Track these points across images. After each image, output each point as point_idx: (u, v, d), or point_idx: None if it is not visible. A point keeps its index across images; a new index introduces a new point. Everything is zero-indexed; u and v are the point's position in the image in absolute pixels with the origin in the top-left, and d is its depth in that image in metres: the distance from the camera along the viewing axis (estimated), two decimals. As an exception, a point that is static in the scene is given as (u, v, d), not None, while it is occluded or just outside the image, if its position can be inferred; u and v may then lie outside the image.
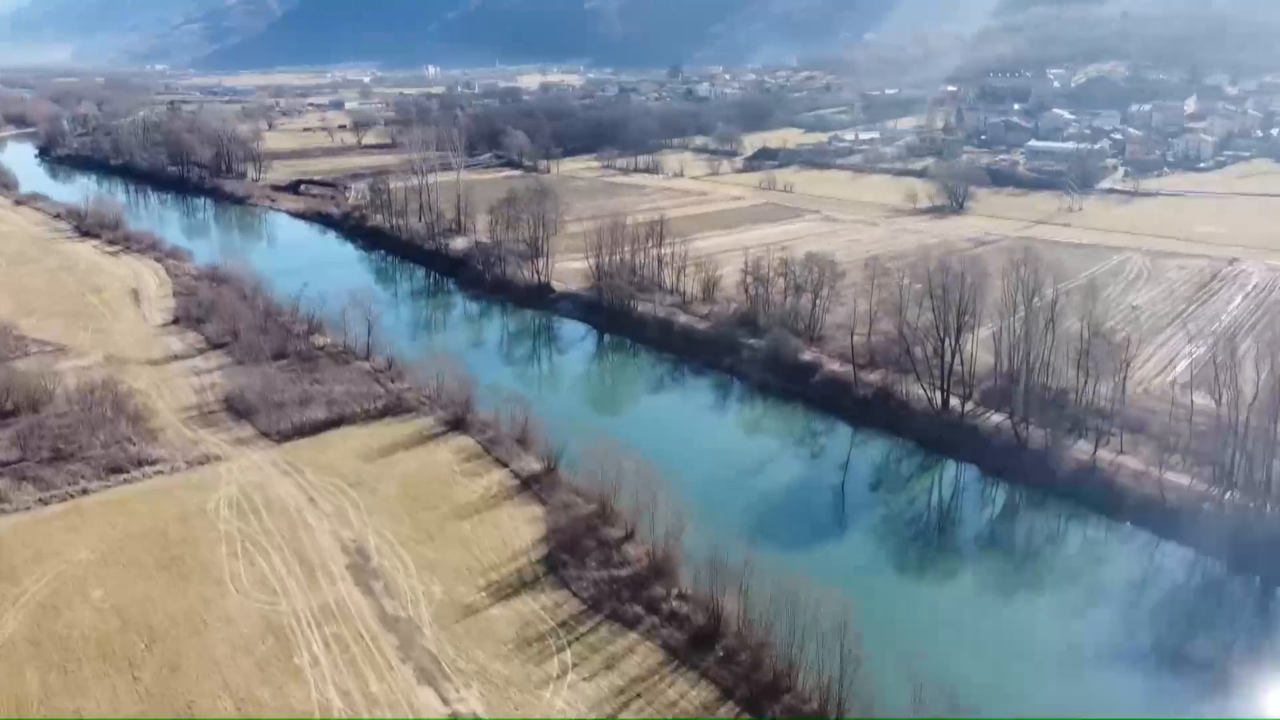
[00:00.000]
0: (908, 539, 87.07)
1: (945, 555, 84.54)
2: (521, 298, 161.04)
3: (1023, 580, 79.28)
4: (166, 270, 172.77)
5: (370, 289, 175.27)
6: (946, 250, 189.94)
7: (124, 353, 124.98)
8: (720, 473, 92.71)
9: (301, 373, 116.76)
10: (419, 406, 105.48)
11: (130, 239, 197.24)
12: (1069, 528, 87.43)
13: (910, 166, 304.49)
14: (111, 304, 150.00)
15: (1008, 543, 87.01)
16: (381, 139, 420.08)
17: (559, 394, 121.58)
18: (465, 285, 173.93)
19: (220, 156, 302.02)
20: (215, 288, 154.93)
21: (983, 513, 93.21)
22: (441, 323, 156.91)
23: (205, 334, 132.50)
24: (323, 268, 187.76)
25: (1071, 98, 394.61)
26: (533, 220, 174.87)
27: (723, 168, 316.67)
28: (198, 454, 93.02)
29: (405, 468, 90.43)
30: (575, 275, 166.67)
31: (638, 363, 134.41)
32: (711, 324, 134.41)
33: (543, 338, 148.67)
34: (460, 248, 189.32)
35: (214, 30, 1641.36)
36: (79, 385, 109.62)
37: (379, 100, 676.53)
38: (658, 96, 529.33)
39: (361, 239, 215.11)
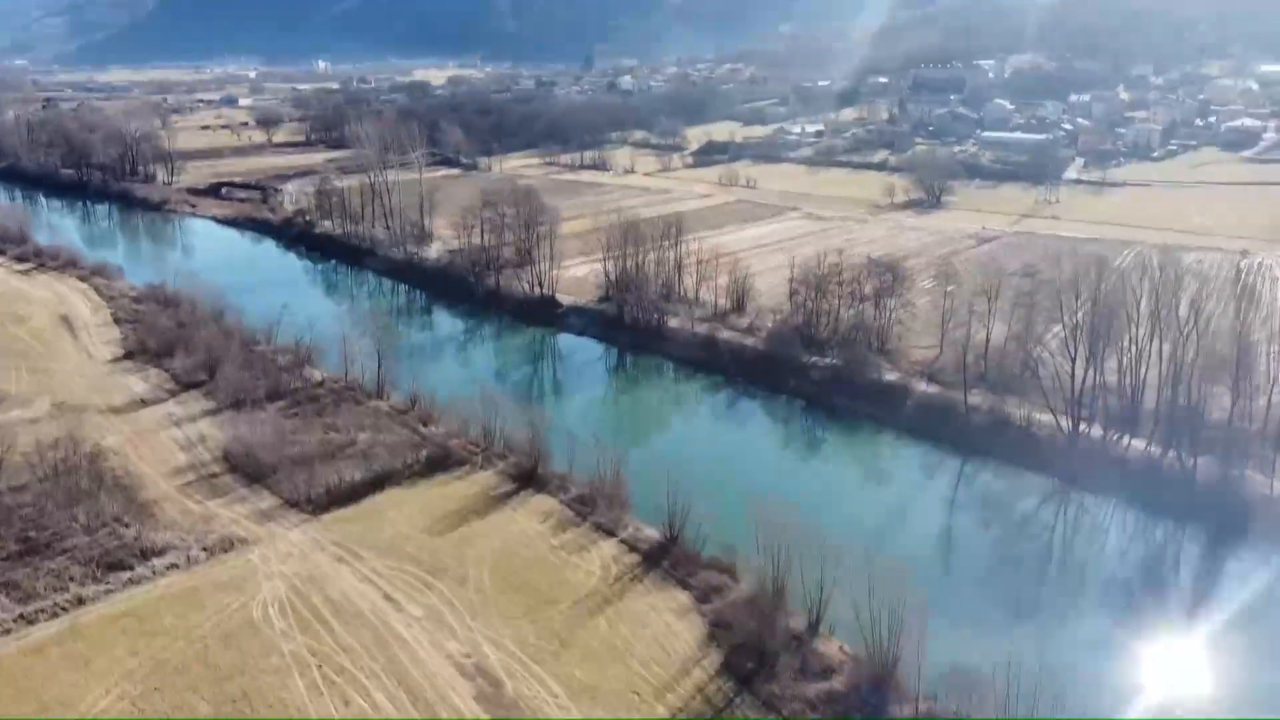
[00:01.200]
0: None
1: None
2: (521, 313, 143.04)
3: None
4: (97, 292, 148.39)
5: (345, 309, 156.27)
6: (954, 248, 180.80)
7: (76, 398, 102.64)
8: (861, 527, 77.46)
9: (309, 418, 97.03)
10: (470, 457, 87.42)
11: (42, 255, 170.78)
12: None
13: (868, 159, 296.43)
14: (42, 336, 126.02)
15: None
16: (294, 136, 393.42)
17: (600, 429, 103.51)
18: (448, 300, 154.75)
19: (125, 158, 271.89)
20: (165, 312, 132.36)
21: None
22: (432, 346, 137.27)
23: (170, 371, 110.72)
24: (272, 284, 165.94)
25: (1006, 87, 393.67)
26: (523, 225, 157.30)
27: (673, 163, 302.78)
28: (217, 536, 73.20)
29: (488, 543, 72.62)
30: (577, 285, 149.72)
31: (680, 388, 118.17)
32: (763, 340, 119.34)
33: (556, 360, 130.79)
34: (433, 257, 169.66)
35: (78, 24, 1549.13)
36: (35, 446, 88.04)
37: (271, 96, 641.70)
38: (579, 90, 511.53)
39: (308, 248, 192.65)
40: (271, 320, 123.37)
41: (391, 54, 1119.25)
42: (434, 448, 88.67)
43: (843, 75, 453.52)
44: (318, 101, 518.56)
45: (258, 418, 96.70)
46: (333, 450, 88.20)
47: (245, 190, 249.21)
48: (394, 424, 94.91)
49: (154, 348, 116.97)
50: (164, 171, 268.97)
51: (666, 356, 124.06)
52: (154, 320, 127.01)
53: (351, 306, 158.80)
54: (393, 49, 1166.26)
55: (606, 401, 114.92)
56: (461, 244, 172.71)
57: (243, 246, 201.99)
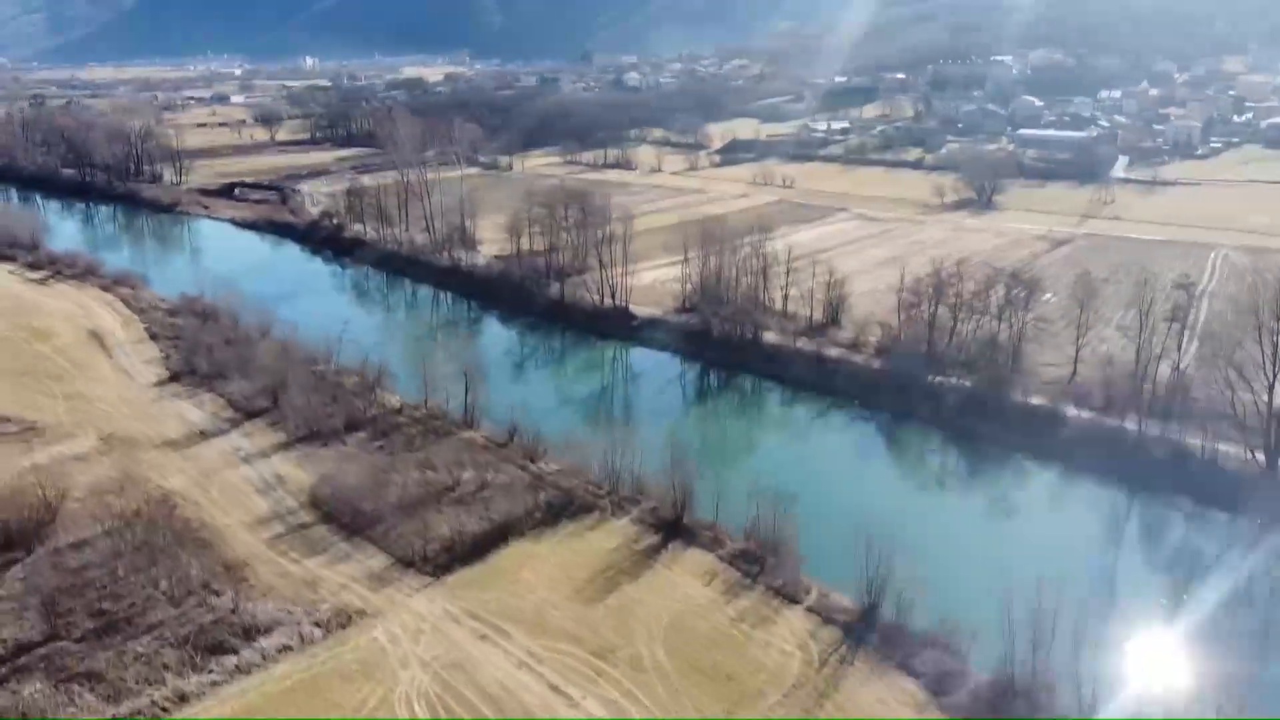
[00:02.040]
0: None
1: None
2: (590, 325, 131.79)
3: None
4: (124, 303, 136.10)
5: (399, 322, 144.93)
6: (1029, 251, 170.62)
7: (125, 430, 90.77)
8: (1076, 586, 66.58)
9: (397, 453, 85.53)
10: (596, 502, 76.22)
11: (57, 262, 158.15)
12: None
13: (901, 158, 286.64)
14: (71, 354, 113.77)
15: None
16: (296, 134, 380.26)
17: (715, 463, 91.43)
18: (503, 310, 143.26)
19: (130, 157, 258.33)
20: (205, 327, 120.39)
21: None
22: (496, 365, 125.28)
23: (226, 396, 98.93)
24: (307, 293, 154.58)
25: (1028, 84, 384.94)
26: (578, 227, 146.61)
27: (700, 162, 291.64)
28: (329, 608, 61.76)
29: (652, 613, 61.50)
30: (646, 293, 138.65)
31: (789, 413, 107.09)
32: (878, 357, 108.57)
33: (639, 380, 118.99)
34: (482, 263, 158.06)
35: (57, 21, 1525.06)
36: (91, 490, 76.51)
37: (261, 93, 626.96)
38: (584, 87, 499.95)
39: (338, 254, 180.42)
40: (324, 335, 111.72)
41: (376, 51, 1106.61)
42: (553, 490, 77.40)
43: (855, 71, 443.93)
44: (314, 99, 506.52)
45: (339, 454, 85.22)
46: (437, 494, 76.85)
47: (260, 191, 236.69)
48: (497, 460, 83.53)
49: (203, 369, 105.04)
50: (171, 171, 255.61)
51: (764, 375, 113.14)
52: (196, 336, 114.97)
53: (405, 319, 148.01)
54: (377, 46, 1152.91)
55: (712, 429, 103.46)
56: (510, 249, 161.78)
57: (266, 251, 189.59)
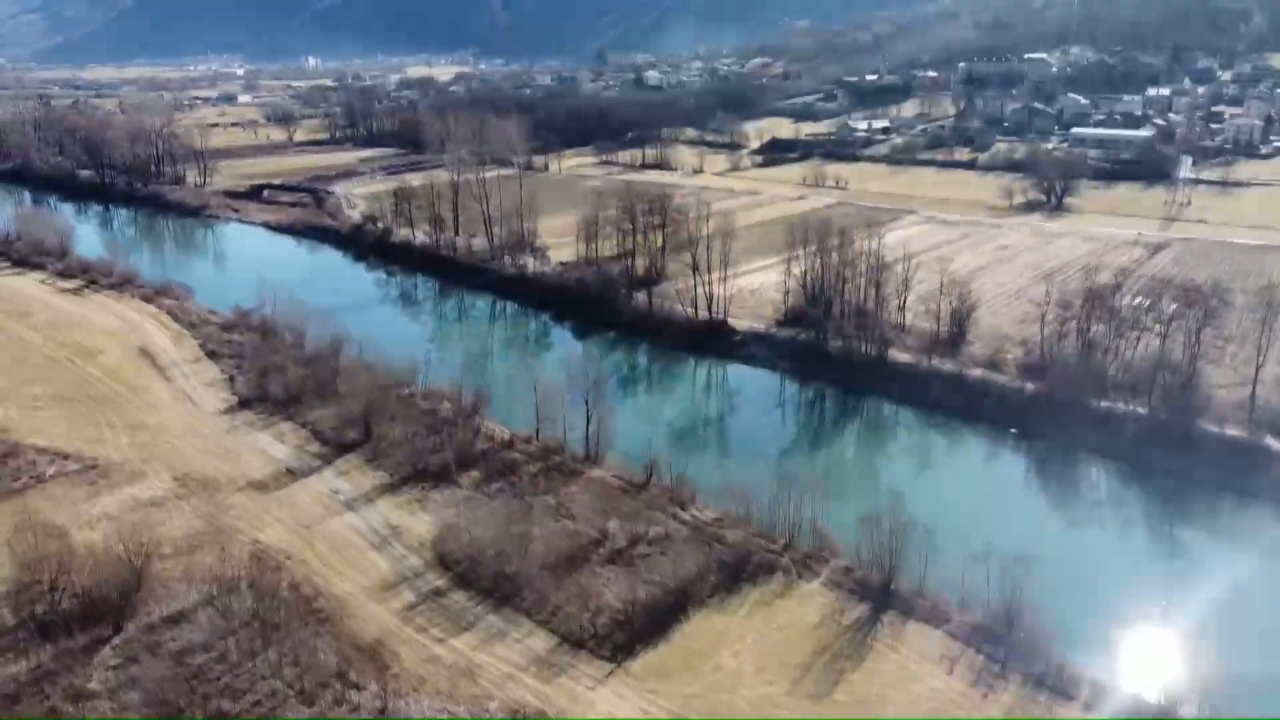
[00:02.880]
0: None
1: None
2: (684, 341, 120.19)
3: None
4: (173, 317, 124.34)
5: (475, 337, 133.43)
6: (1128, 257, 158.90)
7: (200, 468, 79.16)
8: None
9: (522, 496, 74.04)
10: (774, 559, 64.73)
11: (90, 270, 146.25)
12: None
13: (954, 157, 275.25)
14: (123, 376, 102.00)
15: None
16: (314, 134, 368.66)
17: (874, 505, 79.26)
18: (578, 323, 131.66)
19: (151, 158, 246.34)
20: (266, 343, 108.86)
21: None
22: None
23: (310, 426, 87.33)
24: (362, 305, 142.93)
25: (1069, 82, 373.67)
26: (656, 232, 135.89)
27: (742, 162, 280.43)
28: (499, 706, 50.15)
29: (899, 712, 50.03)
30: (736, 303, 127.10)
31: (937, 443, 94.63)
32: (1031, 379, 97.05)
33: (749, 403, 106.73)
34: (549, 270, 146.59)
35: (55, 21, 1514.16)
36: (177, 547, 65.09)
37: (267, 93, 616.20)
38: (605, 86, 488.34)
39: (386, 261, 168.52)
40: (401, 353, 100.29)
41: (378, 51, 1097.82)
42: (720, 546, 65.89)
43: (885, 70, 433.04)
44: (324, 99, 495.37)
45: (455, 498, 73.64)
46: (585, 550, 65.44)
47: (290, 193, 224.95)
48: (643, 507, 72.00)
49: (277, 394, 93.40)
50: (195, 173, 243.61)
51: (893, 398, 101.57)
52: (261, 355, 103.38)
53: (473, 332, 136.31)
54: (379, 46, 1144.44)
55: (854, 464, 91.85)
56: (575, 254, 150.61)
57: (307, 258, 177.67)
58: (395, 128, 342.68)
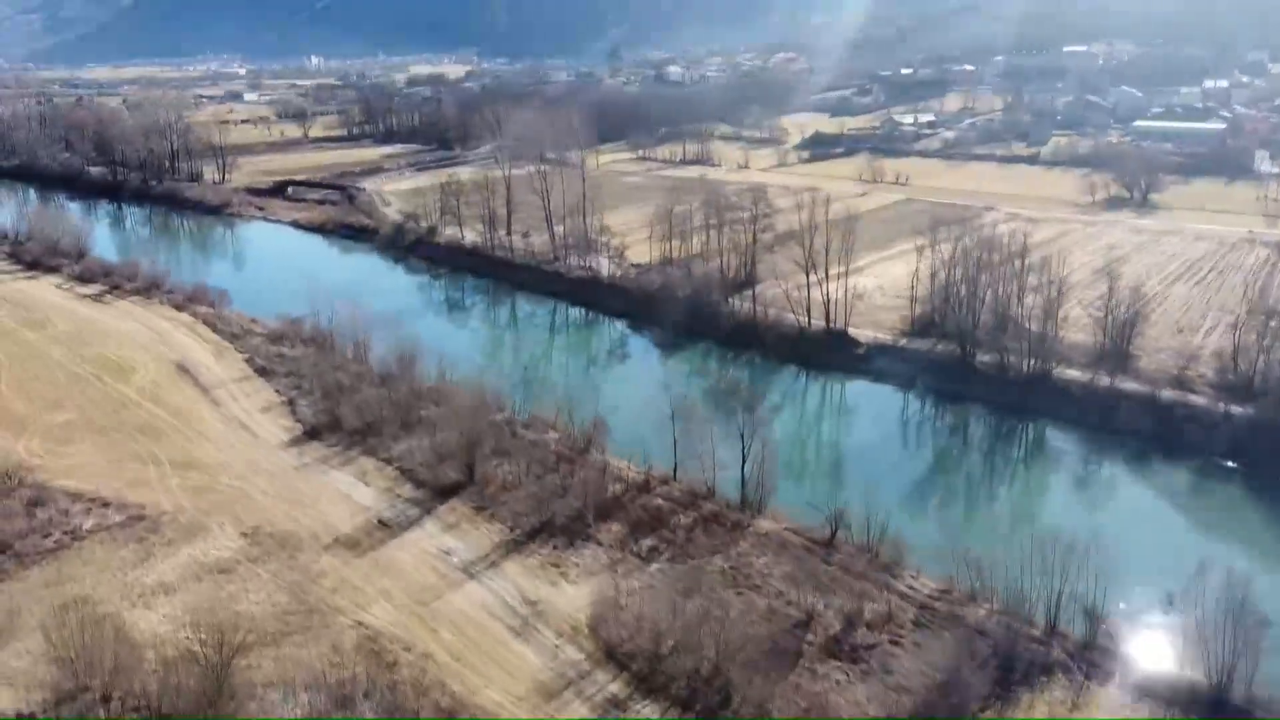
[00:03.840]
0: None
1: None
2: (793, 353, 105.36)
3: None
4: (210, 327, 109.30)
5: (546, 348, 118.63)
6: (1258, 259, 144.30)
7: (272, 519, 64.11)
8: None
9: (680, 556, 59.12)
10: (1045, 654, 49.76)
11: (112, 274, 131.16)
12: None
13: (1013, 152, 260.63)
14: (163, 398, 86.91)
15: None
16: (330, 131, 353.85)
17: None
18: (665, 332, 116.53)
19: (167, 154, 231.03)
20: (325, 358, 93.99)
21: None
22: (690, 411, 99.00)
23: (395, 461, 72.34)
24: (413, 312, 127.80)
25: (1116, 75, 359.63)
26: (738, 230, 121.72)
27: (788, 157, 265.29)
28: None
29: None
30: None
31: (1151, 481, 79.49)
32: (1242, 401, 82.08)
33: (891, 430, 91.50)
34: (618, 273, 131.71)
35: (52, 21, 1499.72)
36: (262, 632, 50.18)
37: (270, 91, 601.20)
38: (625, 82, 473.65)
39: (433, 262, 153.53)
40: (474, 368, 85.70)
41: (379, 50, 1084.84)
42: (967, 631, 50.92)
43: (915, 64, 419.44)
44: (334, 96, 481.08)
45: (598, 559, 58.76)
46: (792, 637, 50.53)
47: (316, 190, 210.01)
48: (842, 574, 57.08)
49: (350, 421, 78.33)
50: (213, 169, 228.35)
51: (1063, 422, 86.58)
52: (321, 373, 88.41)
53: (548, 344, 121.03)
54: (381, 45, 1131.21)
55: (1069, 510, 76.28)
56: (651, 254, 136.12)
57: (345, 260, 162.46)
58: (417, 123, 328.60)
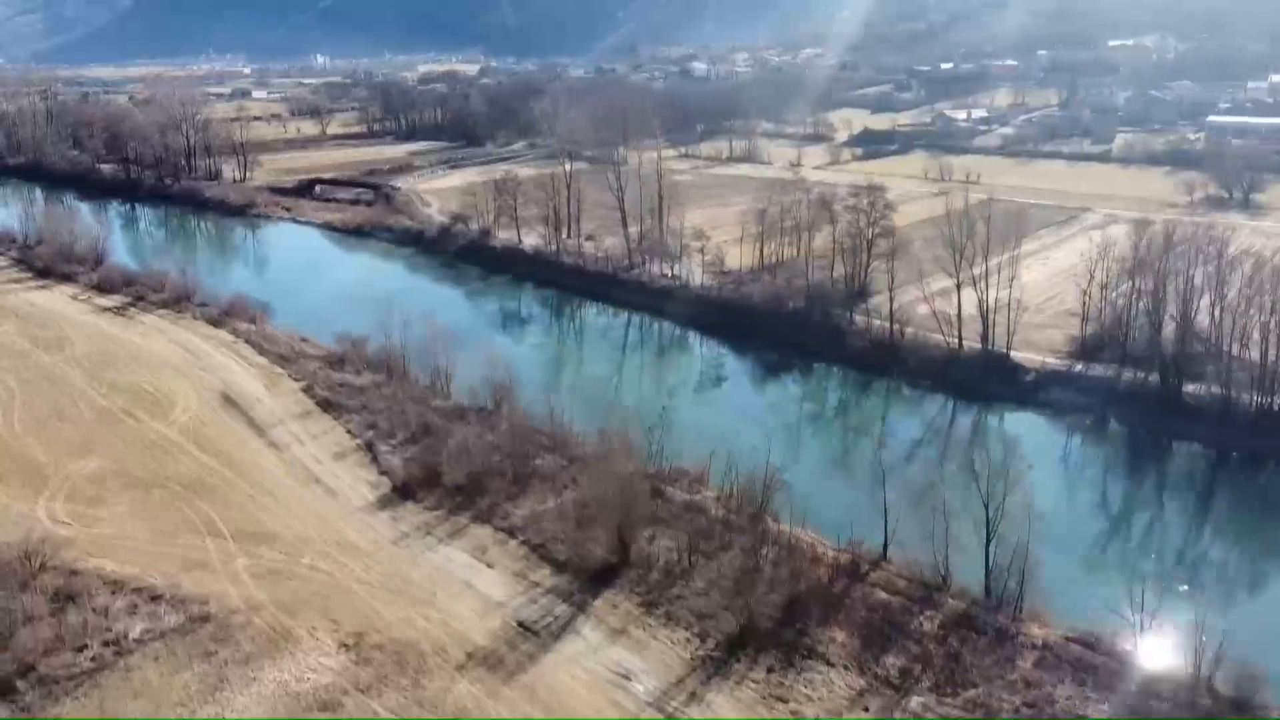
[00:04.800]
0: None
1: None
2: (941, 380, 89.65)
3: None
4: (253, 347, 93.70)
5: (639, 373, 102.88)
6: None
7: (378, 621, 48.37)
8: None
9: (949, 683, 43.50)
10: None
11: (135, 283, 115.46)
12: None
13: (1083, 149, 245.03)
14: (211, 440, 71.10)
15: None
16: (348, 128, 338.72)
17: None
18: (767, 350, 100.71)
19: (185, 151, 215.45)
20: (399, 388, 78.42)
21: None
22: (823, 454, 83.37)
23: (519, 531, 56.73)
24: (474, 328, 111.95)
25: (1172, 70, 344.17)
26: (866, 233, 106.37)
27: (842, 155, 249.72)
28: None
29: None
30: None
31: None
32: None
33: (1092, 477, 75.74)
34: (709, 282, 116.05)
35: (54, 22, 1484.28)
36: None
37: (278, 90, 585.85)
38: (649, 78, 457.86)
39: (487, 268, 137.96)
40: (562, 397, 70.02)
41: (385, 49, 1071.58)
42: None
43: (961, 59, 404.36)
44: (345, 94, 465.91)
45: (838, 687, 42.99)
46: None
47: (347, 189, 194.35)
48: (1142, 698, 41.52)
49: (453, 475, 62.65)
50: (233, 167, 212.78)
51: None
52: (404, 409, 72.78)
53: (639, 367, 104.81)
54: (385, 44, 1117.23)
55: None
56: (742, 262, 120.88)
57: (389, 267, 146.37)
58: (442, 120, 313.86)
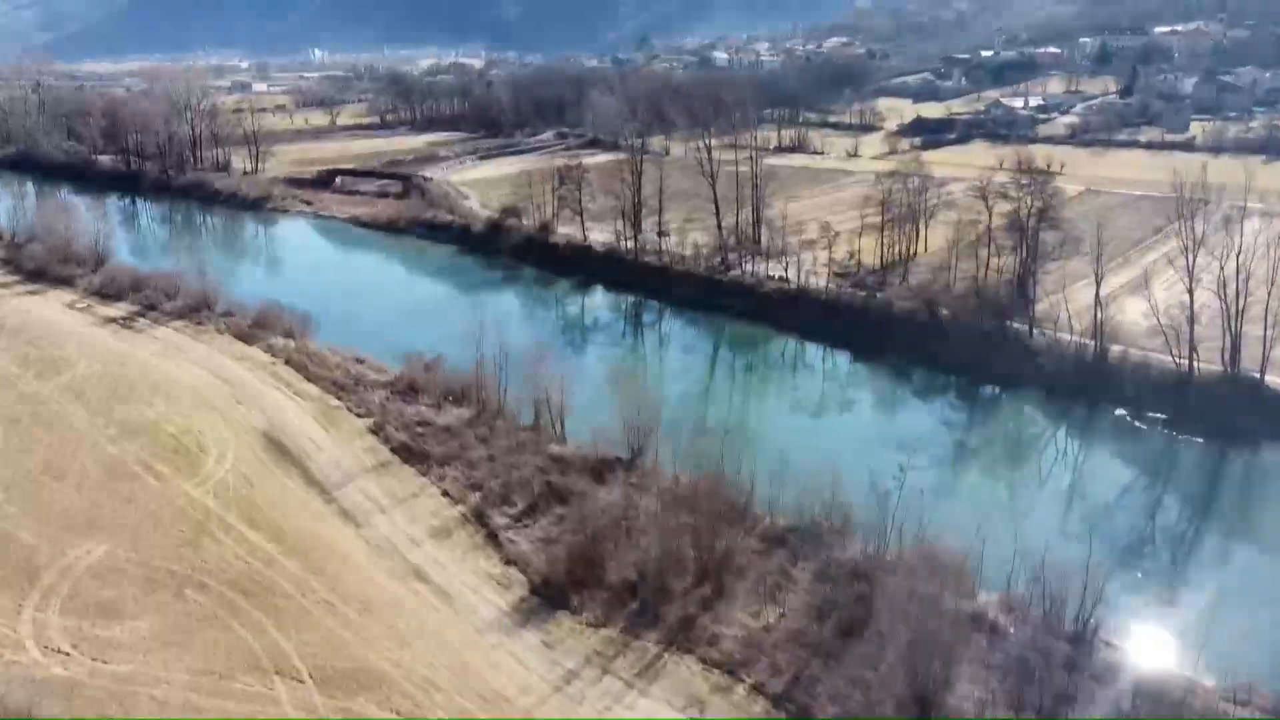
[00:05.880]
0: None
1: None
2: (1174, 413, 71.06)
3: None
4: (295, 369, 74.80)
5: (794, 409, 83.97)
6: None
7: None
8: None
9: None
10: None
11: (143, 288, 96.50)
12: None
13: (1167, 138, 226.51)
14: (258, 504, 52.23)
15: None
16: (359, 118, 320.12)
17: None
18: (909, 368, 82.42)
19: (188, 140, 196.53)
20: (504, 431, 59.80)
21: None
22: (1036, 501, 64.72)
23: (740, 665, 38.21)
24: (551, 342, 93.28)
25: (1234, 56, 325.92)
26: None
27: (900, 145, 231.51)
28: None
29: None
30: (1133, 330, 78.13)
31: None
32: None
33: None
34: (833, 286, 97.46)
35: (48, 18, 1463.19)
36: None
37: (280, 83, 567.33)
38: (670, 68, 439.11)
39: (547, 268, 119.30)
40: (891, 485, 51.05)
41: (383, 44, 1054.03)
42: None
43: (1003, 45, 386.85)
44: (349, 85, 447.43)
45: None
46: None
47: (371, 180, 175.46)
48: None
49: (620, 571, 44.03)
50: (244, 159, 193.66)
51: None
52: (508, 459, 54.14)
53: (804, 403, 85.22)
54: (383, 39, 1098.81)
55: None
56: (858, 260, 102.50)
57: (433, 268, 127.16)
58: (462, 110, 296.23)
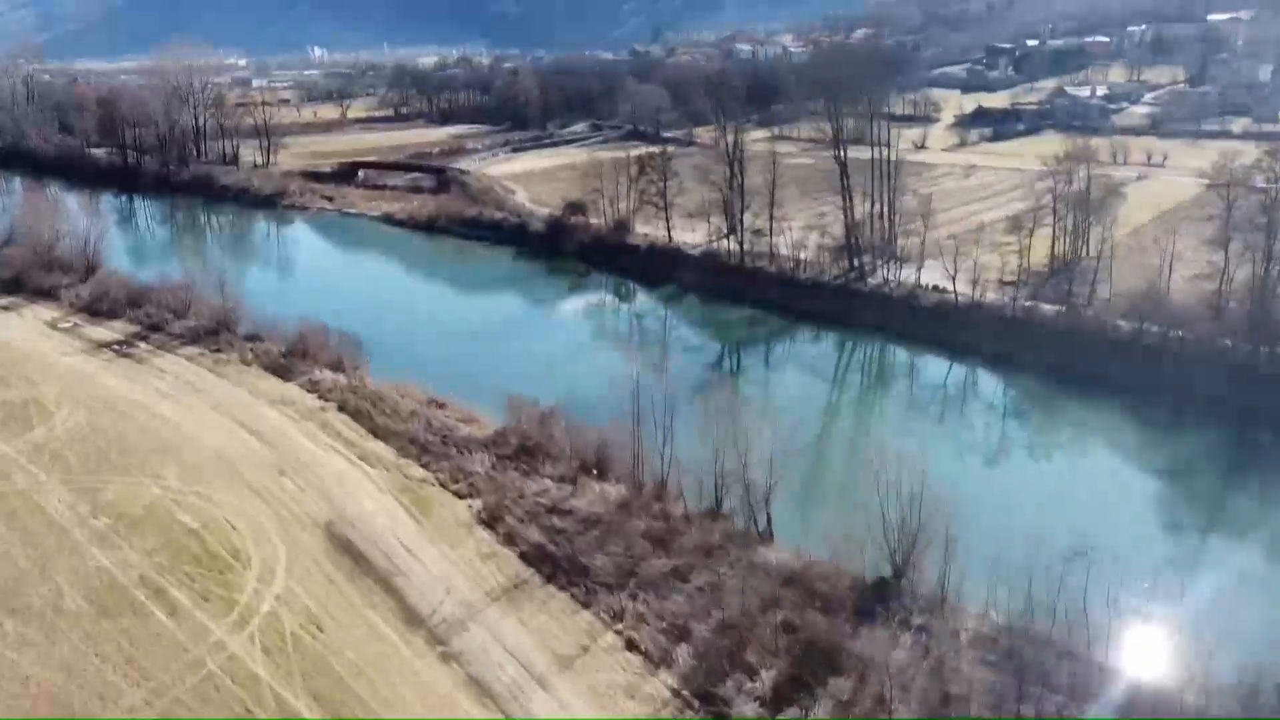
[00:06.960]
0: None
1: None
2: None
3: None
4: (357, 420, 55.34)
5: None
6: None
7: None
8: None
9: None
10: None
11: (143, 304, 76.96)
12: None
13: (1265, 129, 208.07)
14: (324, 665, 33.15)
15: None
16: (371, 111, 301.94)
17: None
18: (1163, 408, 63.13)
19: (191, 132, 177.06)
20: (667, 515, 40.41)
21: None
22: None
23: None
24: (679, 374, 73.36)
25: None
26: None
27: (970, 137, 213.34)
28: None
29: None
30: None
31: None
32: None
33: None
34: (1005, 300, 77.98)
35: (45, 18, 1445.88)
36: None
37: (281, 80, 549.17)
38: (691, 60, 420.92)
39: (637, 278, 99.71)
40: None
41: (383, 41, 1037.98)
42: None
43: (1050, 34, 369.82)
44: (357, 80, 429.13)
45: None
46: None
47: (399, 174, 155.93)
48: None
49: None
50: (254, 152, 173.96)
51: None
52: (711, 578, 34.78)
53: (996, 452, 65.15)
54: (382, 36, 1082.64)
55: None
56: (1003, 270, 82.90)
57: (491, 276, 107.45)
58: (485, 102, 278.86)
